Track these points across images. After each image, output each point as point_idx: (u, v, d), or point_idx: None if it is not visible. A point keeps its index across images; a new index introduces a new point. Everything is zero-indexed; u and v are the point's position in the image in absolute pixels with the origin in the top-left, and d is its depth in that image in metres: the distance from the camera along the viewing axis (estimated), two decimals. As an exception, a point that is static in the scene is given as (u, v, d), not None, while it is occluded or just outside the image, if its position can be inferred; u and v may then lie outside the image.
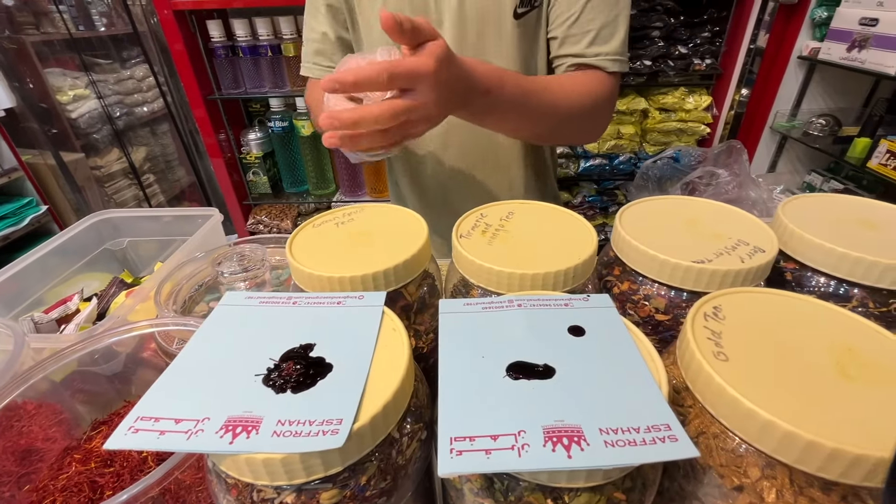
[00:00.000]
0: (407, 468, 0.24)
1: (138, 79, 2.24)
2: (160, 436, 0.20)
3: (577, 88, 0.55)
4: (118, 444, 0.20)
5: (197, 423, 0.21)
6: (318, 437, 0.20)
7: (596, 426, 0.20)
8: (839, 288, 0.34)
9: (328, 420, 0.21)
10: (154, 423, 0.21)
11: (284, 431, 0.20)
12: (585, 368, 0.23)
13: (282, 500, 0.22)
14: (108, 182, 2.18)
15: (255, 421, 0.21)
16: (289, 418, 0.21)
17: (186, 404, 0.22)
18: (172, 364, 0.25)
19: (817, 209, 0.38)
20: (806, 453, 0.20)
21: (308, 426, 0.21)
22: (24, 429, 0.38)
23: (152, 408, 0.22)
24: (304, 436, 0.20)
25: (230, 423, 0.21)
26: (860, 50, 1.10)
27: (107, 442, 0.20)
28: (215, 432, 0.20)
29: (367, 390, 0.23)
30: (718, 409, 0.23)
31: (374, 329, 0.27)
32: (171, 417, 0.21)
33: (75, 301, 0.54)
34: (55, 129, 1.92)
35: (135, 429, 0.21)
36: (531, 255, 0.34)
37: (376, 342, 0.26)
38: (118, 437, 0.20)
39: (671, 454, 0.18)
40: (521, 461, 0.19)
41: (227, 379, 0.23)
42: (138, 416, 0.21)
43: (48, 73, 1.88)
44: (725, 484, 0.23)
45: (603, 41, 0.59)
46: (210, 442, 0.20)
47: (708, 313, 0.27)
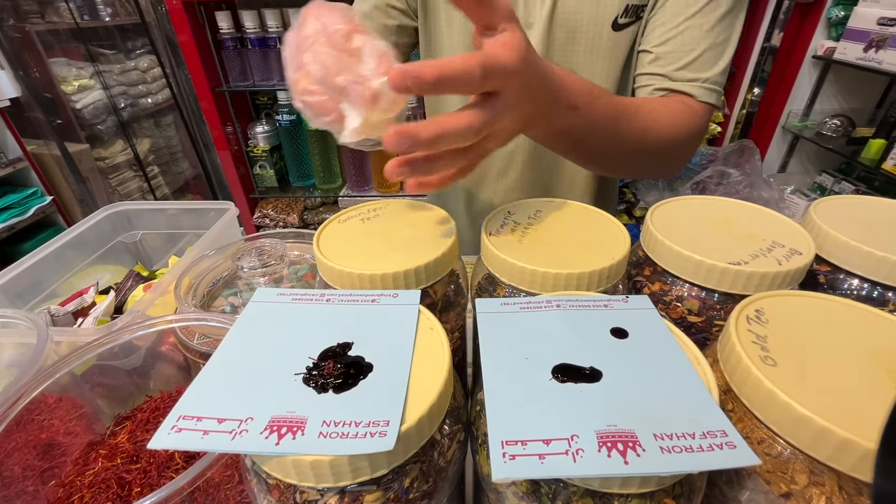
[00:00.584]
0: (447, 470, 0.24)
1: (143, 70, 2.23)
2: (204, 436, 0.20)
3: (669, 116, 0.48)
4: (162, 444, 0.20)
5: (240, 424, 0.21)
6: (366, 440, 0.20)
7: (650, 431, 0.19)
8: (873, 291, 0.34)
9: (374, 422, 0.20)
10: (197, 423, 0.21)
11: (331, 433, 0.20)
12: (632, 372, 0.23)
13: (325, 501, 0.21)
14: (112, 173, 2.18)
15: (299, 421, 0.21)
16: (334, 419, 0.21)
17: (228, 403, 0.22)
18: (210, 362, 0.24)
19: (849, 211, 0.38)
20: (863, 461, 0.20)
21: (355, 427, 0.20)
22: (45, 422, 0.38)
23: (194, 406, 0.21)
24: (351, 437, 0.20)
25: (274, 424, 0.20)
26: (877, 50, 1.09)
27: (151, 442, 0.20)
28: (260, 433, 0.20)
29: (409, 391, 0.22)
30: (767, 415, 0.22)
31: (411, 328, 0.26)
32: (213, 417, 0.21)
33: (91, 294, 0.54)
34: (60, 119, 1.92)
35: (178, 428, 0.20)
36: (562, 254, 0.33)
37: (415, 341, 0.25)
38: (162, 436, 0.20)
39: (731, 462, 0.18)
40: (576, 467, 0.18)
41: (267, 378, 0.23)
42: (180, 415, 0.21)
43: (53, 62, 1.87)
44: (773, 490, 0.23)
45: (704, 66, 0.51)
46: (256, 443, 0.20)
47: (750, 316, 0.27)
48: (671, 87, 0.52)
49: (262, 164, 1.59)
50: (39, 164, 1.81)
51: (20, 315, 0.39)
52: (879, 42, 1.08)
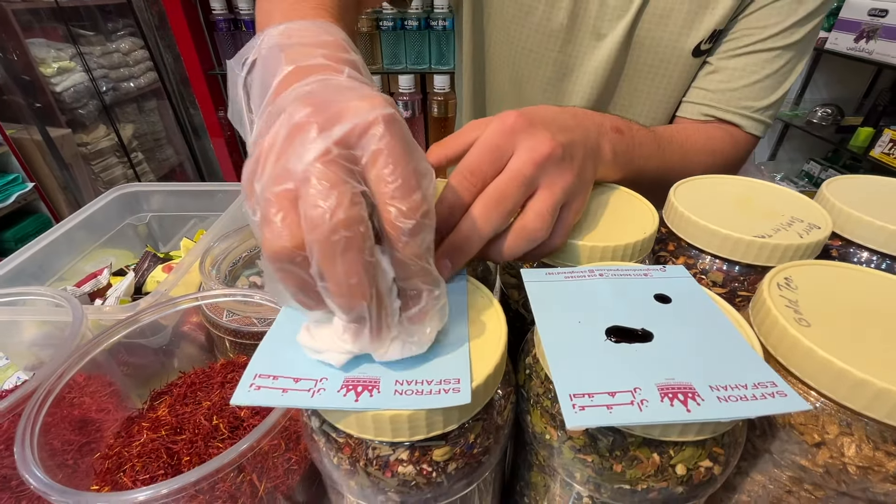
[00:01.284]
0: (504, 428, 0.25)
1: (124, 52, 2.16)
2: (283, 393, 0.21)
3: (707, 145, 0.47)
4: (243, 399, 0.20)
5: (316, 383, 0.21)
6: (440, 395, 0.21)
7: (706, 383, 0.21)
8: (882, 263, 0.36)
9: (445, 380, 0.21)
10: (273, 381, 0.21)
11: (406, 390, 0.21)
12: (680, 332, 0.24)
13: (397, 456, 0.22)
14: (95, 159, 2.11)
15: (373, 381, 0.21)
16: (406, 378, 0.22)
17: (300, 364, 0.22)
18: (273, 327, 0.25)
19: (858, 189, 0.40)
20: (897, 408, 0.21)
21: (427, 385, 0.21)
22: (76, 400, 0.38)
23: (268, 366, 0.22)
24: (426, 394, 0.21)
25: (349, 383, 0.21)
26: (868, 41, 1.13)
27: (233, 398, 0.20)
28: (337, 391, 0.21)
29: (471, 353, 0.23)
30: (805, 371, 0.24)
31: (463, 293, 0.27)
32: (289, 376, 0.22)
33: (105, 275, 0.53)
34: (39, 103, 1.85)
35: (256, 386, 0.21)
36: (595, 229, 0.34)
37: (468, 309, 0.26)
38: (242, 393, 0.21)
39: (784, 407, 0.20)
40: (643, 415, 0.20)
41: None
42: (256, 373, 0.22)
43: (31, 43, 1.79)
44: (806, 440, 0.25)
45: (762, 92, 0.49)
46: (335, 400, 0.21)
47: (780, 283, 0.28)
48: (719, 115, 0.50)
49: (255, 150, 1.57)
50: (20, 149, 1.75)
51: (52, 293, 0.39)
52: (870, 32, 1.12)
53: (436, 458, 0.22)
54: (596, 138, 0.36)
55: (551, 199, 0.29)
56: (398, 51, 1.41)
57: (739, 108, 0.50)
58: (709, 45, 0.50)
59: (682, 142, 0.47)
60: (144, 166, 2.32)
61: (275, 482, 0.31)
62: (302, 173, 0.18)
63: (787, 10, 0.48)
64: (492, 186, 0.28)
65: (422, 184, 0.19)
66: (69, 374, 0.32)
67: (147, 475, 0.29)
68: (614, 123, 0.38)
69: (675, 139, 0.46)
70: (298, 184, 0.18)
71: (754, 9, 0.49)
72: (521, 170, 0.28)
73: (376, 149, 0.19)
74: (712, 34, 0.50)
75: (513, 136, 0.29)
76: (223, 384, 0.37)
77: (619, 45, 0.51)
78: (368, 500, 0.24)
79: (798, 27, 0.48)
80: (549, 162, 0.29)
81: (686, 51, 0.51)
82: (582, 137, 0.33)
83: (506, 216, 0.28)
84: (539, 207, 0.29)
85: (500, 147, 0.29)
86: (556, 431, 0.25)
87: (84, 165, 2.05)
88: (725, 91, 0.51)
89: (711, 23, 0.49)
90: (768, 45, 0.49)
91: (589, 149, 0.34)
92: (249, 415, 0.34)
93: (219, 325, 0.42)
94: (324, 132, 0.18)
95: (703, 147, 0.48)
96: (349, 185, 0.18)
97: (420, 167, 0.20)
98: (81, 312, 0.36)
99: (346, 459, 0.23)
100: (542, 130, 0.30)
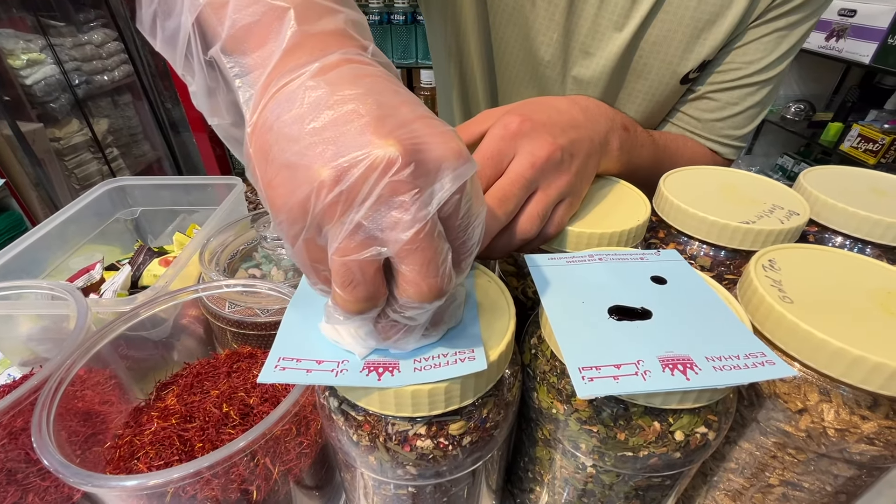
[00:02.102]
0: (513, 404, 0.27)
1: (97, 44, 2.09)
2: (308, 373, 0.22)
3: (691, 159, 0.51)
4: (270, 378, 0.21)
5: (339, 364, 0.22)
6: (457, 365, 0.22)
7: (702, 355, 0.23)
8: (854, 247, 0.39)
9: (461, 351, 0.23)
10: (297, 363, 0.22)
11: (425, 366, 0.22)
12: (677, 311, 0.26)
13: (415, 431, 0.23)
14: (69, 155, 2.05)
15: (392, 363, 0.22)
16: (423, 356, 0.23)
17: (320, 348, 0.23)
18: (287, 314, 0.25)
19: (833, 178, 0.42)
20: (871, 374, 0.24)
21: (444, 358, 0.22)
22: (79, 392, 0.38)
23: (290, 349, 0.23)
24: (444, 366, 0.22)
25: (370, 365, 0.22)
26: (838, 39, 1.18)
27: (260, 377, 0.21)
28: (360, 371, 0.22)
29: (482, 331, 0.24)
30: (789, 343, 0.26)
31: (470, 281, 0.28)
32: (311, 359, 0.22)
33: (98, 270, 0.53)
34: (8, 96, 1.78)
35: (281, 367, 0.22)
36: (589, 216, 0.36)
37: (476, 291, 0.27)
38: (268, 373, 0.21)
39: (774, 374, 0.22)
40: (647, 384, 0.21)
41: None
42: (279, 356, 0.22)
43: (-1, 34, 1.72)
44: (790, 407, 0.27)
45: (741, 122, 0.53)
46: (359, 379, 0.21)
47: (765, 265, 0.30)
48: (701, 134, 0.53)
49: (239, 145, 1.54)
50: (-11, 144, 1.68)
51: (53, 285, 0.39)
52: (840, 31, 1.17)
53: (452, 433, 0.24)
54: (606, 133, 0.37)
55: (545, 200, 0.31)
56: (384, 45, 1.41)
57: (721, 137, 0.54)
58: (696, 73, 0.53)
59: (674, 151, 0.50)
60: (120, 162, 2.26)
61: (287, 465, 0.31)
62: (404, 246, 0.17)
63: (771, 46, 0.51)
64: (494, 189, 0.30)
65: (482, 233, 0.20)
66: (77, 366, 0.33)
67: (161, 461, 0.30)
68: (623, 121, 0.40)
69: (668, 147, 0.49)
70: (392, 252, 0.17)
71: (741, 43, 0.51)
72: (522, 173, 0.30)
73: (459, 205, 0.18)
74: (702, 64, 0.52)
75: (514, 140, 0.31)
76: (229, 373, 0.38)
77: (613, 66, 0.53)
78: (386, 474, 0.25)
79: (779, 63, 0.52)
80: (547, 165, 0.31)
81: (675, 78, 0.53)
82: (589, 134, 0.35)
83: (507, 217, 0.30)
84: (532, 210, 0.31)
85: (502, 151, 0.31)
86: (562, 405, 0.26)
87: (57, 161, 1.98)
88: (709, 121, 0.54)
89: (702, 53, 0.51)
90: (753, 80, 0.52)
91: (596, 144, 0.36)
92: (259, 402, 0.35)
93: (221, 316, 0.43)
94: (421, 197, 0.16)
95: (689, 160, 0.52)
96: (440, 257, 0.18)
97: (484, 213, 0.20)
98: (86, 305, 0.36)
99: (366, 436, 0.24)
100: (543, 134, 0.31)
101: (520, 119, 0.31)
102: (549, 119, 0.33)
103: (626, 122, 0.41)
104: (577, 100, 0.37)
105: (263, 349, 0.41)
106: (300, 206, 0.17)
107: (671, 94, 0.55)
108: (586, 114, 0.37)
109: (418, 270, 0.17)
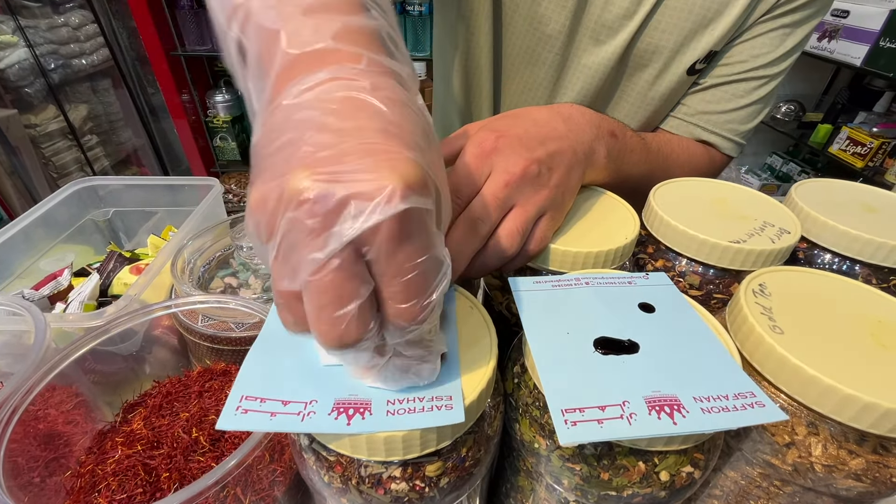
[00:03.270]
0: (494, 438, 0.26)
1: (74, 26, 2.01)
2: (272, 417, 0.20)
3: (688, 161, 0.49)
4: (230, 424, 0.20)
5: (306, 406, 0.21)
6: (433, 413, 0.21)
7: (690, 395, 0.22)
8: (843, 265, 0.38)
9: (437, 397, 0.21)
10: (261, 404, 0.21)
11: (398, 410, 0.21)
12: (665, 343, 0.25)
13: (390, 473, 0.22)
14: (45, 143, 1.97)
15: (363, 403, 0.21)
16: (397, 398, 0.21)
17: (287, 386, 0.22)
18: (256, 343, 0.24)
19: (824, 193, 0.42)
20: (861, 413, 0.23)
21: (419, 402, 0.21)
22: (41, 412, 0.36)
23: (254, 387, 0.21)
24: (419, 412, 0.21)
25: (340, 406, 0.21)
26: (830, 40, 1.17)
27: (219, 423, 0.20)
28: (328, 414, 0.20)
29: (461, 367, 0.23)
30: (778, 377, 0.25)
31: (452, 305, 0.27)
32: (277, 399, 0.21)
33: (66, 276, 0.50)
34: (-21, 80, 1.70)
35: (243, 409, 0.20)
36: (575, 233, 0.35)
37: (457, 321, 0.26)
38: (228, 418, 0.20)
39: (763, 418, 0.21)
40: (632, 429, 0.20)
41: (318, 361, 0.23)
42: (242, 395, 0.21)
43: (-33, 14, 1.64)
44: (777, 441, 0.26)
45: (745, 118, 0.51)
46: (327, 424, 0.20)
47: (755, 290, 0.29)
48: (703, 136, 0.52)
49: (222, 136, 1.50)
50: (-41, 130, 1.62)
51: (8, 300, 0.36)
52: (833, 32, 1.16)
53: (429, 474, 0.22)
54: (591, 142, 0.36)
55: (523, 217, 0.30)
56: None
57: (723, 131, 0.53)
58: (703, 64, 0.52)
59: (668, 154, 0.49)
60: (99, 150, 2.19)
61: (260, 495, 0.30)
62: (307, 283, 0.16)
63: (777, 41, 0.50)
64: (467, 211, 0.28)
65: (430, 283, 0.18)
66: (35, 391, 0.31)
67: (124, 495, 0.28)
68: (610, 127, 0.38)
69: (661, 150, 0.47)
70: (304, 289, 0.17)
71: (749, 37, 0.51)
72: (495, 193, 0.29)
73: (383, 249, 0.16)
74: (708, 55, 0.51)
75: (488, 158, 0.30)
76: (201, 393, 0.36)
77: (619, 55, 0.52)
78: (360, 515, 0.24)
79: (784, 59, 0.52)
80: (523, 182, 0.30)
81: (682, 68, 0.52)
82: (571, 144, 0.33)
83: (482, 238, 0.29)
84: (510, 227, 0.30)
85: (476, 171, 0.29)
86: (544, 441, 0.25)
87: (33, 149, 1.91)
88: (713, 113, 0.53)
89: (709, 43, 0.50)
90: (758, 74, 0.51)
91: (580, 154, 0.34)
92: (230, 425, 0.33)
93: (194, 330, 0.41)
94: (326, 232, 0.15)
95: (684, 162, 0.51)
96: (345, 301, 0.16)
97: (432, 261, 0.17)
98: (44, 323, 0.34)
99: (338, 478, 0.23)
100: (518, 149, 0.30)
101: (494, 135, 0.30)
102: (526, 132, 0.31)
103: (613, 128, 0.39)
104: (559, 109, 0.36)
105: (238, 365, 0.40)
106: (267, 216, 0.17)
107: (678, 86, 0.54)
108: (569, 123, 0.35)
109: (315, 312, 0.17)
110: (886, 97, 1.39)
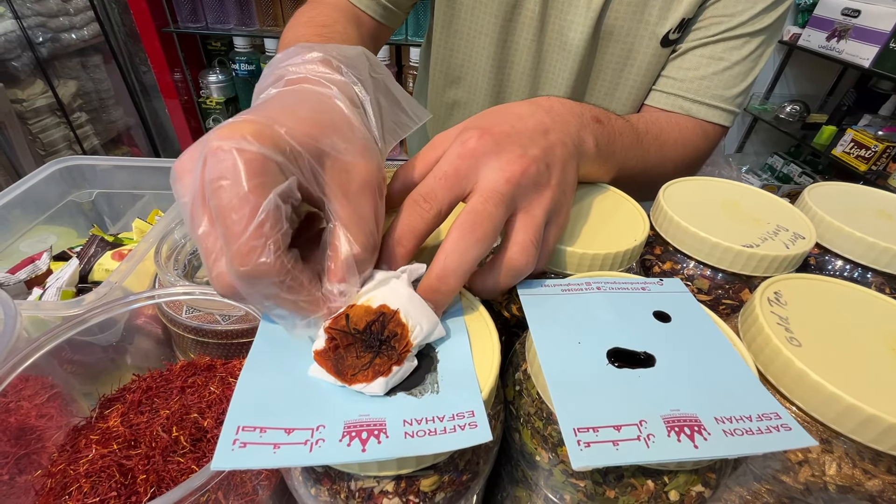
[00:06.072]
0: (493, 449, 0.24)
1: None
2: (276, 450, 0.18)
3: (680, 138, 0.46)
4: (227, 462, 0.17)
5: (313, 433, 0.18)
6: (457, 434, 0.19)
7: (711, 415, 0.20)
8: (854, 272, 0.37)
9: (458, 414, 0.19)
10: (262, 435, 0.18)
11: (418, 431, 0.19)
12: (682, 356, 0.23)
13: (382, 488, 0.21)
14: (32, 119, 1.92)
15: (377, 424, 0.19)
16: (414, 417, 0.19)
17: (290, 411, 0.19)
18: (249, 361, 0.21)
19: (839, 197, 0.40)
20: (884, 435, 0.22)
21: (440, 423, 0.19)
22: (12, 405, 0.34)
23: (250, 416, 0.19)
24: (440, 433, 0.19)
25: (351, 429, 0.19)
26: (839, 40, 1.15)
27: (213, 463, 0.17)
28: (339, 441, 0.18)
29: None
30: (795, 392, 0.24)
31: (459, 314, 0.25)
32: (278, 427, 0.18)
33: (45, 260, 0.48)
34: (-37, 52, 1.64)
35: (241, 443, 0.18)
36: (582, 234, 0.33)
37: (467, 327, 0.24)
38: (224, 455, 0.17)
39: (790, 443, 0.19)
40: (650, 452, 0.19)
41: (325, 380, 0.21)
42: (238, 426, 0.18)
43: (-50, -18, 1.58)
44: (790, 458, 0.25)
45: (731, 81, 0.48)
46: (340, 453, 0.18)
47: (771, 298, 0.28)
48: (688, 107, 0.50)
49: (216, 118, 1.46)
50: (-58, 103, 1.56)
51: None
52: (842, 32, 1.14)
53: (423, 489, 0.21)
54: (577, 132, 0.33)
55: (533, 225, 0.26)
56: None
57: (710, 98, 0.49)
58: (677, 34, 0.50)
59: (658, 134, 0.45)
60: (88, 128, 2.13)
61: (244, 499, 0.29)
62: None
63: None
64: (464, 212, 0.24)
65: (259, 227, 0.19)
66: (4, 383, 0.29)
67: (97, 498, 0.27)
68: (593, 113, 0.36)
69: (650, 131, 0.44)
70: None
71: None
72: (496, 188, 0.25)
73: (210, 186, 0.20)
74: (681, 23, 0.49)
75: (475, 158, 0.25)
76: (183, 389, 0.34)
77: (588, 36, 0.51)
78: (349, 529, 0.22)
79: (766, 13, 0.48)
80: (524, 181, 0.26)
81: (655, 41, 0.50)
82: (561, 137, 0.30)
83: (486, 243, 0.24)
84: (523, 240, 0.26)
85: (461, 171, 0.25)
86: (547, 454, 0.24)
87: (20, 125, 1.85)
88: (695, 79, 0.50)
89: (680, 11, 0.48)
90: (737, 33, 0.48)
91: (570, 147, 0.31)
92: (214, 424, 0.31)
93: (178, 322, 0.39)
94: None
95: (676, 139, 0.47)
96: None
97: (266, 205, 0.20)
98: (14, 310, 0.32)
99: (326, 492, 0.21)
100: (509, 146, 0.26)
101: (479, 133, 0.26)
102: (513, 129, 0.28)
103: (596, 114, 0.37)
104: (539, 102, 0.33)
105: (223, 360, 0.38)
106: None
107: (654, 59, 0.52)
108: (552, 115, 0.32)
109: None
110: (893, 100, 1.37)
